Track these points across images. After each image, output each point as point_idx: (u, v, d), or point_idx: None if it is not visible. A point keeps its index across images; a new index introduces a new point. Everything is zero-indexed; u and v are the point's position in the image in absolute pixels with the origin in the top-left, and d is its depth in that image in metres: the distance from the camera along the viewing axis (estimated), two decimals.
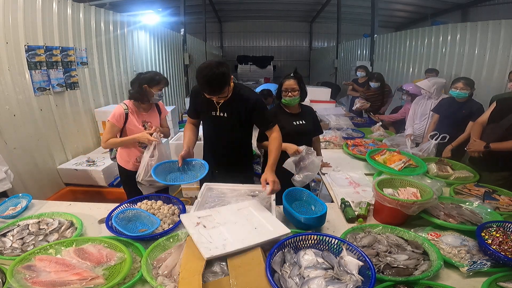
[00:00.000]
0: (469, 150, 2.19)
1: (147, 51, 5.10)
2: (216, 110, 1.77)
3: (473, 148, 2.15)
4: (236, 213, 1.41)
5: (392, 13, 9.72)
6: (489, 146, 2.05)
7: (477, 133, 2.22)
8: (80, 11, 3.24)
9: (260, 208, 1.46)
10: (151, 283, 1.07)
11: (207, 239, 1.18)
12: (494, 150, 2.04)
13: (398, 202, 1.43)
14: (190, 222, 1.29)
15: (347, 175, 2.18)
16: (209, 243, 1.15)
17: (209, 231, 1.25)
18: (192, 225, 1.28)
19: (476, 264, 1.17)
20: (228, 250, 1.13)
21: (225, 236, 1.22)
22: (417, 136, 3.13)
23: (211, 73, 1.50)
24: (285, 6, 10.67)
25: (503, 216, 1.50)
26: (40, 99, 2.69)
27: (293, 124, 2.09)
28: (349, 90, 5.43)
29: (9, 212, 1.63)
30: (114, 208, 1.56)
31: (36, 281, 1.03)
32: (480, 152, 2.10)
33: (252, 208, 1.46)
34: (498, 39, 3.88)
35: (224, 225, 1.30)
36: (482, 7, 7.51)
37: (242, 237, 1.21)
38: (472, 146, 2.16)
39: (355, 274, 1.01)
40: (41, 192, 2.56)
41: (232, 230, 1.27)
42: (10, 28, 2.38)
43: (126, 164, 2.16)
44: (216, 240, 1.19)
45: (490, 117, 2.19)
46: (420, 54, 5.36)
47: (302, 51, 13.69)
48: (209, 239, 1.18)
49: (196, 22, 9.61)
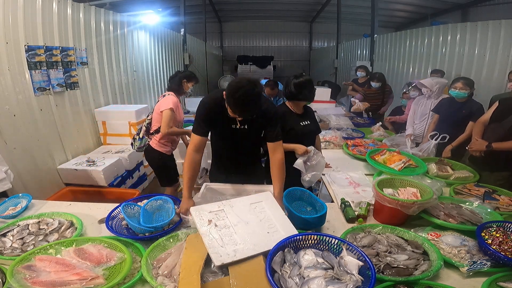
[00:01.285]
0: (470, 150, 2.19)
1: (147, 51, 5.11)
2: (236, 123, 1.65)
3: (475, 148, 2.14)
4: (249, 209, 1.35)
5: (392, 13, 9.73)
6: (491, 145, 2.05)
7: (479, 133, 2.22)
8: (80, 11, 3.24)
9: (273, 204, 1.41)
10: (151, 283, 1.07)
11: (218, 243, 1.15)
12: (496, 149, 2.04)
13: (398, 202, 1.43)
14: (200, 219, 1.24)
15: (347, 175, 2.18)
16: (220, 248, 1.13)
17: (221, 232, 1.21)
18: (203, 222, 1.23)
19: (476, 264, 1.17)
20: (239, 257, 1.11)
21: (237, 240, 1.18)
22: (417, 136, 3.13)
23: (248, 94, 1.38)
24: (285, 6, 10.66)
25: (503, 216, 1.50)
26: (40, 99, 2.69)
27: (301, 125, 2.12)
28: (349, 90, 5.42)
29: (9, 212, 1.63)
30: (114, 208, 1.56)
31: (36, 281, 1.03)
32: (481, 151, 2.10)
33: (265, 203, 1.40)
34: (498, 39, 3.89)
35: (236, 225, 1.25)
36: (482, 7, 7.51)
37: (254, 242, 1.18)
38: (474, 145, 2.16)
39: (355, 274, 1.01)
40: (41, 192, 2.56)
41: (244, 233, 1.22)
42: (10, 28, 2.38)
43: (164, 148, 2.62)
44: (227, 244, 1.15)
45: (492, 117, 2.18)
46: (420, 54, 5.36)
47: (302, 51, 13.70)
48: (220, 243, 1.15)
49: (196, 22, 9.61)
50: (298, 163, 1.95)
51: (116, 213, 1.55)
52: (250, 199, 1.42)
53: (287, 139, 2.06)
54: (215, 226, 1.23)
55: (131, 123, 3.49)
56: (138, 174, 3.54)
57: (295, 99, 2.08)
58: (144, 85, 5.00)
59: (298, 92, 2.03)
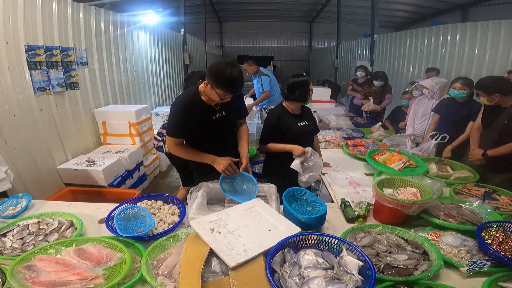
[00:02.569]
0: (470, 160, 2.23)
1: (147, 51, 5.11)
2: (216, 112, 1.74)
3: (473, 158, 2.19)
4: (244, 215, 1.41)
5: (392, 13, 9.74)
6: (486, 154, 2.09)
7: (475, 140, 2.26)
8: (80, 11, 3.24)
9: (266, 207, 1.47)
10: (151, 283, 1.07)
11: (226, 246, 1.18)
12: (492, 156, 2.07)
13: (398, 202, 1.43)
14: (203, 229, 1.28)
15: (347, 175, 2.18)
16: (230, 250, 1.15)
17: (226, 237, 1.24)
18: (206, 232, 1.26)
19: (476, 264, 1.17)
20: (250, 255, 1.13)
21: (243, 241, 1.21)
22: (417, 136, 3.13)
23: (234, 71, 1.49)
24: (285, 6, 10.68)
25: (503, 216, 1.50)
26: (40, 99, 2.69)
27: (298, 126, 2.10)
28: (349, 90, 5.43)
29: (9, 212, 1.62)
30: (114, 208, 1.56)
31: (36, 281, 1.03)
32: (480, 160, 2.14)
33: (259, 207, 1.47)
34: (498, 39, 3.89)
35: (238, 229, 1.29)
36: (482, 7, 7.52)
37: (259, 240, 1.22)
38: (471, 155, 2.21)
39: (355, 274, 1.01)
40: (41, 192, 2.56)
41: (248, 234, 1.26)
42: (10, 28, 2.38)
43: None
44: (236, 246, 1.18)
45: (482, 121, 2.23)
46: (420, 54, 5.37)
47: (302, 51, 13.71)
48: (229, 246, 1.18)
49: (196, 22, 9.62)
50: (295, 164, 1.94)
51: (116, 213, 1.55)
52: (244, 206, 1.48)
53: (284, 139, 2.06)
54: (219, 233, 1.26)
55: (131, 123, 3.49)
56: (138, 174, 3.54)
57: (291, 99, 2.07)
58: (144, 85, 5.00)
59: (294, 92, 2.02)
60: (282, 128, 2.07)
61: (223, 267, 1.12)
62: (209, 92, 1.59)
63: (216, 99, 1.61)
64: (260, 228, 1.31)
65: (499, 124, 2.07)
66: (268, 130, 2.11)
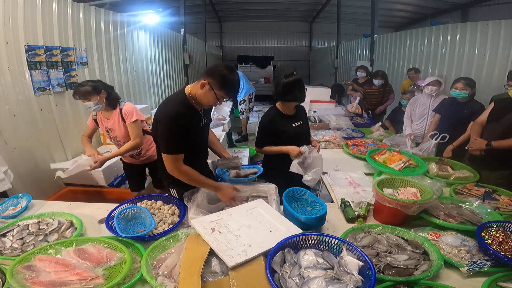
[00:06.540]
0: (470, 149, 2.19)
1: (147, 51, 5.10)
2: (201, 119, 1.63)
3: (475, 147, 2.14)
4: (246, 215, 1.41)
5: (392, 13, 9.73)
6: (491, 144, 2.05)
7: (477, 133, 2.23)
8: (80, 11, 3.23)
9: (267, 208, 1.48)
10: (151, 283, 1.07)
11: (226, 246, 1.18)
12: (496, 147, 2.04)
13: (398, 202, 1.43)
14: (204, 228, 1.28)
15: (347, 175, 2.18)
16: (230, 250, 1.15)
17: (226, 236, 1.24)
18: (207, 231, 1.27)
19: (476, 264, 1.17)
20: (249, 256, 1.13)
21: (244, 241, 1.22)
22: (417, 136, 3.13)
23: (236, 76, 1.51)
24: (285, 6, 10.66)
25: (503, 216, 1.50)
26: (40, 99, 2.69)
27: (293, 126, 2.06)
28: (349, 90, 5.43)
29: (9, 212, 1.63)
30: (114, 208, 1.56)
31: (36, 281, 1.03)
32: (481, 150, 2.11)
33: (260, 208, 1.47)
34: (498, 39, 3.88)
35: (239, 229, 1.30)
36: (482, 7, 7.51)
37: (260, 241, 1.22)
38: (473, 144, 2.16)
39: (355, 274, 1.01)
40: (41, 192, 2.56)
41: (249, 234, 1.26)
42: (10, 28, 2.38)
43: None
44: (236, 246, 1.18)
45: (489, 117, 2.20)
46: (420, 54, 5.36)
47: (302, 51, 13.69)
48: (229, 246, 1.18)
49: (196, 22, 9.60)
50: (293, 166, 1.87)
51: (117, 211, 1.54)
52: (245, 207, 1.49)
53: (279, 142, 2.01)
54: (219, 233, 1.27)
55: None
56: None
57: (285, 100, 2.01)
58: (144, 85, 4.99)
59: (288, 93, 1.94)
60: (276, 131, 2.02)
61: (223, 267, 1.12)
62: (205, 94, 1.47)
63: (210, 102, 1.51)
64: (261, 229, 1.31)
65: (509, 120, 2.05)
66: (262, 133, 2.07)
